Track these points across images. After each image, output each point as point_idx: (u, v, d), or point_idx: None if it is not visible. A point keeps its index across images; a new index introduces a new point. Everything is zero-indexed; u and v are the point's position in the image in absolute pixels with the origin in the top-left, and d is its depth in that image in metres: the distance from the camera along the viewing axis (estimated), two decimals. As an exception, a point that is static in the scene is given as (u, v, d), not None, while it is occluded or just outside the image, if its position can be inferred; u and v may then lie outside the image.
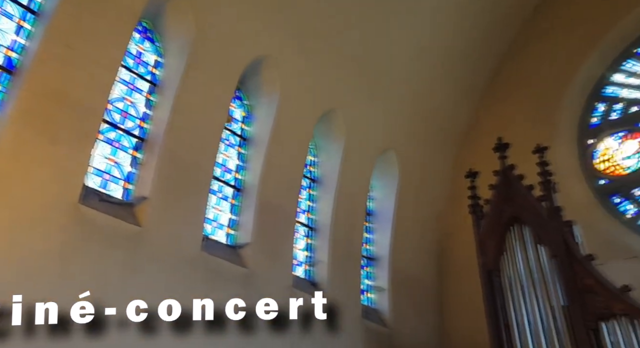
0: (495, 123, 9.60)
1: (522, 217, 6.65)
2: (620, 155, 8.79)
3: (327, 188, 8.44)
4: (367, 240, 9.34)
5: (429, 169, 10.00)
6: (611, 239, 7.86)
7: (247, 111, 7.82)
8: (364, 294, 8.80)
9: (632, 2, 8.92)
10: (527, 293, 6.20)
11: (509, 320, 6.19)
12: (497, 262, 6.65)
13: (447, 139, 10.24)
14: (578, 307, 5.78)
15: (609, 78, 9.24)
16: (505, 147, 7.26)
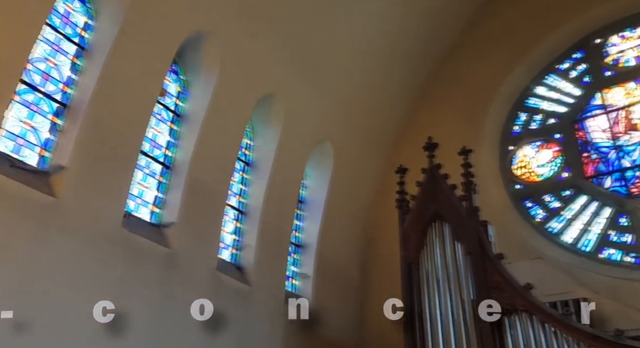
0: (428, 123, 9.80)
1: (443, 215, 6.81)
2: (535, 163, 9.25)
3: (261, 173, 8.23)
4: (296, 227, 9.25)
5: (362, 162, 10.06)
6: (520, 240, 8.26)
7: (182, 86, 7.40)
8: (288, 280, 8.73)
9: (558, 21, 9.35)
10: (441, 287, 6.37)
11: (423, 311, 6.34)
12: (417, 256, 6.78)
13: (382, 135, 10.34)
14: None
15: (532, 90, 9.68)
16: (434, 147, 7.40)
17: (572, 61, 9.51)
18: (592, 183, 8.46)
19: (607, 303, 7.00)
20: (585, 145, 8.85)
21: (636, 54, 8.94)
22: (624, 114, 8.67)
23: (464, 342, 5.84)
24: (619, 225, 7.94)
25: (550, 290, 6.97)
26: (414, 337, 6.23)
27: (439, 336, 6.04)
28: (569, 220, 8.43)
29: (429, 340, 6.08)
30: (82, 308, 5.18)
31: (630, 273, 7.28)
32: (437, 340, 6.01)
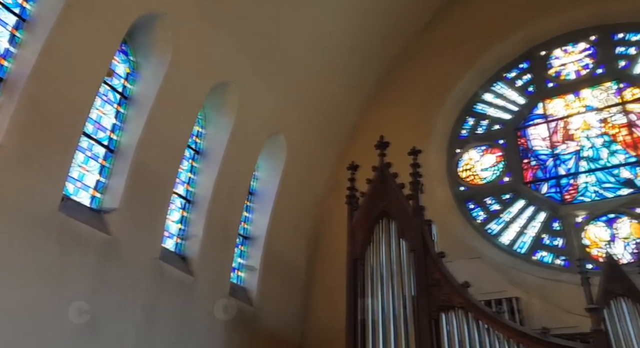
0: (381, 122, 9.89)
1: (390, 212, 6.87)
2: (479, 167, 9.54)
3: (211, 162, 7.99)
4: (245, 219, 9.09)
5: (315, 156, 10.02)
6: (461, 240, 8.51)
7: (132, 68, 7.03)
8: (234, 272, 8.58)
9: (507, 31, 9.66)
10: (385, 282, 6.43)
11: (366, 305, 6.39)
12: (363, 252, 6.81)
13: (336, 130, 10.34)
14: (425, 298, 6.11)
15: (480, 96, 9.97)
16: (386, 146, 7.45)
17: (519, 71, 9.87)
18: (530, 189, 8.83)
19: (537, 302, 7.33)
20: (526, 152, 9.21)
21: (576, 68, 9.39)
22: (563, 124, 9.10)
23: (403, 336, 5.93)
24: (552, 230, 8.33)
25: (486, 288, 7.21)
26: (355, 330, 6.27)
27: (379, 330, 6.10)
28: (507, 223, 8.76)
29: (370, 334, 6.13)
30: (11, 293, 4.86)
31: (558, 275, 7.65)
32: (377, 334, 6.07)
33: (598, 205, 8.07)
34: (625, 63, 8.86)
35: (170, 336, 6.69)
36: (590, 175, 8.42)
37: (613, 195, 8.06)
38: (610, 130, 8.59)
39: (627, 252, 7.49)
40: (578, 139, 8.82)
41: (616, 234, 7.79)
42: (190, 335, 7.02)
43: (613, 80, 8.87)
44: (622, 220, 7.84)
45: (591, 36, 9.31)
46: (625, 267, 5.77)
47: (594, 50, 9.27)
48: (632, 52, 8.84)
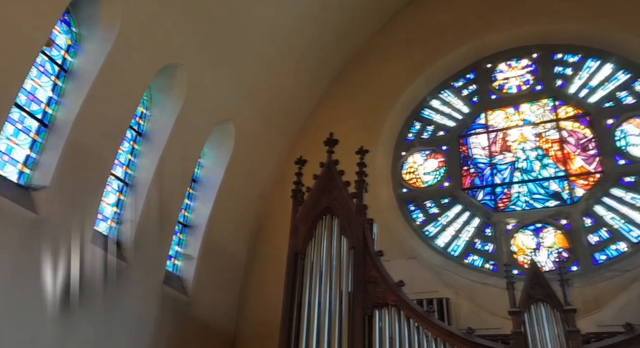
0: (331, 118, 9.91)
1: (334, 209, 6.91)
2: (422, 170, 9.79)
3: (154, 146, 7.67)
4: (186, 206, 8.83)
5: (263, 148, 9.88)
6: (399, 240, 8.70)
7: (74, 40, 6.58)
8: (170, 260, 8.31)
9: (458, 41, 9.94)
10: (324, 278, 6.46)
11: (303, 300, 6.40)
12: (305, 247, 6.82)
13: (287, 124, 10.25)
14: (361, 295, 6.21)
15: (428, 102, 10.22)
16: (334, 143, 7.48)
17: (465, 80, 10.21)
18: (467, 195, 9.17)
19: (465, 304, 7.64)
20: (466, 159, 9.56)
21: (518, 83, 9.83)
22: (502, 135, 9.51)
23: (337, 331, 5.99)
24: (484, 235, 8.70)
25: (419, 288, 7.43)
26: (290, 324, 6.26)
27: (314, 324, 6.12)
28: (443, 226, 9.05)
29: (304, 328, 6.14)
30: None
31: (487, 279, 8.00)
32: (311, 328, 6.09)
33: (527, 215, 8.51)
34: (561, 82, 9.38)
35: (97, 323, 6.37)
36: (523, 186, 8.86)
37: (541, 206, 8.53)
38: (543, 144, 9.08)
39: (550, 260, 7.94)
40: (514, 150, 9.25)
41: (541, 243, 8.25)
42: (119, 323, 6.73)
43: (550, 97, 9.37)
44: (547, 230, 8.30)
45: (534, 54, 9.78)
46: (547, 274, 6.07)
47: (535, 68, 9.76)
48: (569, 73, 9.37)
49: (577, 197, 8.33)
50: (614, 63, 8.91)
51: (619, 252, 7.67)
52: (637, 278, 6.99)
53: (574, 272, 7.62)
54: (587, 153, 8.66)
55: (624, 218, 7.86)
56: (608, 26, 8.79)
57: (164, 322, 7.54)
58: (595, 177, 8.39)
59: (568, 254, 7.95)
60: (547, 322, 5.51)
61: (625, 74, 8.81)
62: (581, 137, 8.83)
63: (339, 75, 10.66)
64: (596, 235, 7.95)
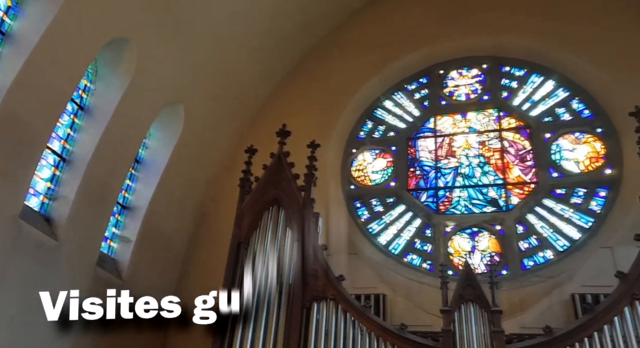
0: (285, 110, 9.80)
1: (281, 201, 6.88)
2: (371, 169, 9.93)
3: (96, 122, 7.27)
4: (127, 187, 8.47)
5: (213, 133, 9.63)
6: (343, 235, 8.74)
7: (14, 2, 6.09)
8: (106, 241, 7.95)
9: (414, 46, 10.09)
10: (265, 269, 6.44)
11: (242, 289, 6.33)
12: (249, 236, 6.76)
13: (239, 111, 10.04)
14: (301, 287, 6.25)
15: (381, 102, 10.34)
16: (287, 135, 7.44)
17: (418, 84, 10.42)
18: (412, 196, 9.40)
19: (401, 301, 7.85)
20: (413, 161, 9.78)
21: (467, 92, 10.15)
22: (448, 140, 9.81)
23: (274, 322, 5.98)
24: (424, 235, 8.95)
25: (359, 283, 7.56)
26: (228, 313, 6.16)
27: (251, 314, 6.08)
28: (386, 224, 9.23)
29: (241, 317, 6.07)
30: None
31: (423, 278, 8.24)
32: (249, 318, 6.04)
33: (465, 219, 8.84)
34: (507, 94, 9.78)
35: (20, 301, 5.98)
36: (464, 191, 9.19)
37: (479, 211, 8.88)
38: (486, 152, 9.45)
39: (483, 263, 8.29)
40: (459, 156, 9.57)
41: (476, 246, 8.60)
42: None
43: (495, 108, 9.75)
44: (483, 235, 8.66)
45: (484, 64, 10.13)
46: (478, 276, 6.33)
47: (484, 78, 10.12)
48: (514, 86, 9.79)
49: (512, 205, 8.74)
50: (556, 80, 9.40)
51: (546, 259, 8.13)
52: (559, 284, 7.42)
53: (503, 275, 8.00)
54: (525, 164, 9.10)
55: (553, 228, 8.34)
56: (552, 44, 9.24)
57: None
58: (530, 187, 8.84)
59: (499, 258, 8.34)
60: (475, 321, 5.75)
61: (564, 92, 9.32)
62: (521, 148, 9.27)
63: (296, 67, 10.57)
64: (526, 242, 8.38)
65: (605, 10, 9.06)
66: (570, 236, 8.16)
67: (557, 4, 9.41)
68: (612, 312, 5.34)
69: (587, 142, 8.81)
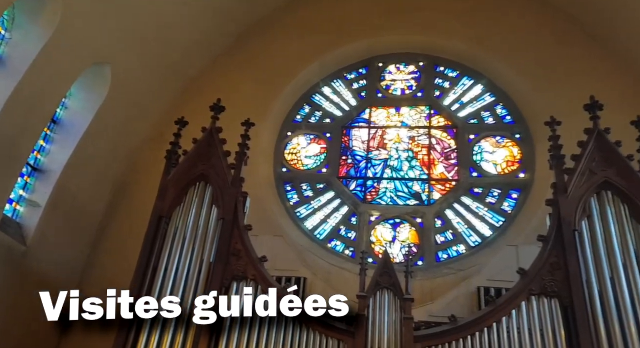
0: (222, 84, 9.50)
1: (209, 177, 6.69)
2: (304, 153, 9.92)
3: (9, 73, 6.60)
4: (40, 148, 7.82)
5: (143, 100, 9.10)
6: (271, 217, 8.71)
7: None
8: (11, 204, 7.31)
9: (357, 35, 10.14)
10: (186, 245, 6.26)
11: (159, 265, 6.12)
12: (171, 211, 6.53)
13: (173, 80, 9.57)
14: (222, 266, 6.14)
15: (320, 88, 10.34)
16: (221, 110, 7.20)
17: (357, 74, 10.52)
18: (341, 183, 9.53)
19: (320, 284, 7.96)
20: (345, 149, 9.90)
21: (402, 87, 10.41)
22: (381, 133, 10.03)
23: (189, 299, 5.84)
24: (349, 223, 9.13)
25: (281, 266, 7.56)
26: (140, 288, 5.95)
27: (167, 291, 5.91)
28: (314, 210, 9.30)
29: (156, 293, 5.88)
30: None
31: (344, 264, 8.41)
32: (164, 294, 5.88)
33: (389, 210, 9.13)
34: (439, 93, 10.15)
35: None
36: (391, 183, 9.47)
37: (403, 203, 9.20)
38: (414, 147, 9.78)
39: (401, 253, 8.61)
40: (389, 149, 9.82)
41: (397, 237, 8.92)
42: None
43: (427, 105, 10.09)
44: (404, 226, 9.00)
45: (420, 62, 10.43)
46: (395, 265, 6.52)
47: (419, 75, 10.41)
48: (446, 86, 10.18)
49: (434, 200, 9.15)
50: (484, 85, 9.90)
51: (458, 253, 8.61)
52: (468, 277, 7.89)
53: (419, 266, 8.37)
54: (449, 161, 9.54)
55: (467, 224, 8.84)
56: (483, 51, 9.69)
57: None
58: (451, 184, 9.29)
59: (417, 250, 8.72)
60: (388, 308, 5.96)
61: (491, 96, 9.85)
62: (446, 146, 9.69)
63: (237, 42, 10.23)
64: (443, 236, 8.82)
65: (533, 23, 9.64)
66: (482, 233, 8.70)
67: (490, 14, 9.85)
68: (510, 305, 5.73)
69: (506, 146, 9.40)
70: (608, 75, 8.77)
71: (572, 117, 6.66)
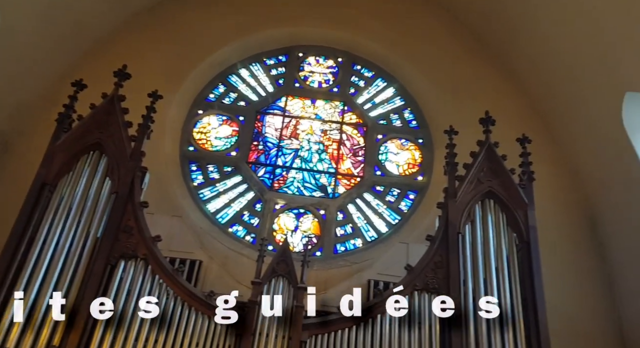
0: (131, 50, 8.90)
1: (106, 147, 6.29)
2: (214, 134, 9.63)
3: None
4: None
5: (37, 55, 8.23)
6: (171, 196, 8.35)
7: None
8: None
9: (282, 22, 10.05)
10: (71, 217, 5.85)
11: (37, 236, 5.64)
12: (58, 179, 6.05)
13: (75, 37, 8.74)
14: (110, 242, 5.82)
15: (238, 69, 10.09)
16: (126, 77, 6.79)
17: (277, 61, 10.44)
18: (250, 169, 9.40)
19: (215, 269, 7.82)
20: (258, 135, 9.79)
21: (320, 80, 10.51)
22: (294, 122, 10.06)
23: (69, 275, 5.47)
24: (254, 209, 9.05)
25: (177, 247, 7.29)
26: (12, 260, 5.44)
27: (43, 265, 5.50)
28: (219, 193, 9.09)
29: (29, 267, 5.43)
30: None
31: (243, 249, 8.31)
32: (39, 268, 5.48)
33: (295, 199, 9.19)
34: (354, 91, 10.40)
35: None
36: (299, 173, 9.54)
37: (309, 194, 9.32)
38: (326, 141, 9.93)
39: (302, 243, 8.71)
40: (301, 139, 9.89)
41: (299, 226, 9.02)
42: None
43: (341, 101, 10.30)
44: (307, 217, 9.10)
45: (339, 58, 10.61)
46: (294, 254, 6.62)
47: (337, 71, 10.59)
48: (362, 85, 10.46)
49: (338, 194, 9.37)
50: (396, 88, 10.32)
51: (355, 246, 8.90)
52: (361, 270, 8.17)
53: (317, 256, 8.54)
54: (356, 158, 9.83)
55: (367, 220, 9.17)
56: (398, 56, 10.06)
57: None
58: (356, 180, 9.58)
59: (317, 240, 8.89)
60: (281, 295, 6.02)
61: (400, 101, 10.29)
62: (355, 143, 9.98)
63: (154, 7, 9.63)
64: (342, 229, 9.07)
65: (446, 37, 10.19)
66: (379, 229, 9.07)
67: (409, 22, 10.24)
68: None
69: (409, 149, 9.89)
70: (505, 94, 9.57)
71: (468, 128, 7.16)
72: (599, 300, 7.94)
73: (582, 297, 7.81)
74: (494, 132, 6.96)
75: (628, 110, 7.62)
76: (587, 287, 7.96)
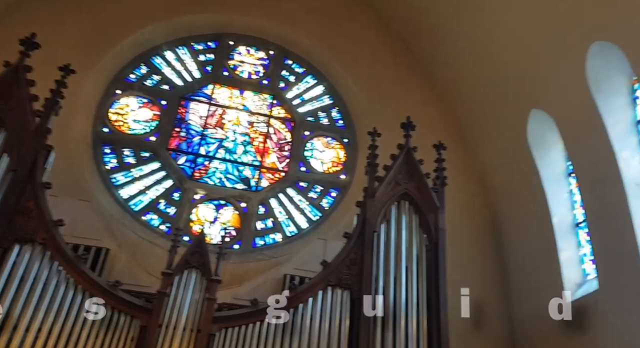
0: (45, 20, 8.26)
1: (5, 120, 5.83)
2: (132, 116, 9.19)
3: None
4: None
5: None
6: (79, 179, 7.84)
7: None
8: None
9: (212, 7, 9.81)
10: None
11: None
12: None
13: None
14: (3, 224, 5.38)
15: (162, 51, 9.71)
16: (34, 46, 6.28)
17: (206, 47, 10.19)
18: (170, 156, 9.08)
19: (124, 258, 7.47)
20: (181, 121, 9.48)
21: (250, 70, 10.38)
22: (221, 111, 9.86)
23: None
24: (171, 198, 8.76)
25: (81, 233, 6.88)
26: None
27: None
28: (134, 178, 8.69)
29: None
30: None
31: (156, 239, 8.02)
32: None
33: (216, 190, 9.01)
34: (284, 85, 10.41)
35: None
36: (222, 164, 9.37)
37: (230, 186, 9.18)
38: (252, 133, 9.84)
39: (220, 235, 8.56)
40: (227, 129, 9.71)
41: (218, 218, 8.86)
42: None
43: (270, 94, 10.26)
44: (227, 208, 8.97)
45: (270, 50, 10.56)
46: (211, 247, 6.49)
47: (268, 63, 10.53)
48: (292, 80, 10.48)
49: (261, 187, 9.33)
50: (325, 87, 10.46)
51: (274, 241, 8.92)
52: (278, 265, 8.22)
53: (234, 249, 8.45)
54: (282, 153, 9.83)
55: (288, 215, 9.22)
56: (329, 56, 10.21)
57: None
58: (280, 175, 9.59)
59: (236, 233, 8.78)
60: (193, 287, 5.88)
61: (329, 99, 10.46)
62: (282, 138, 9.98)
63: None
64: (263, 223, 9.04)
65: (375, 40, 10.49)
66: (300, 225, 9.16)
67: (340, 22, 10.40)
68: (308, 293, 6.12)
69: (335, 147, 10.08)
70: (426, 102, 10.04)
71: (390, 131, 7.43)
72: (496, 298, 8.58)
73: (481, 296, 8.31)
74: (414, 137, 7.27)
75: (533, 126, 8.31)
76: (484, 287, 8.47)
